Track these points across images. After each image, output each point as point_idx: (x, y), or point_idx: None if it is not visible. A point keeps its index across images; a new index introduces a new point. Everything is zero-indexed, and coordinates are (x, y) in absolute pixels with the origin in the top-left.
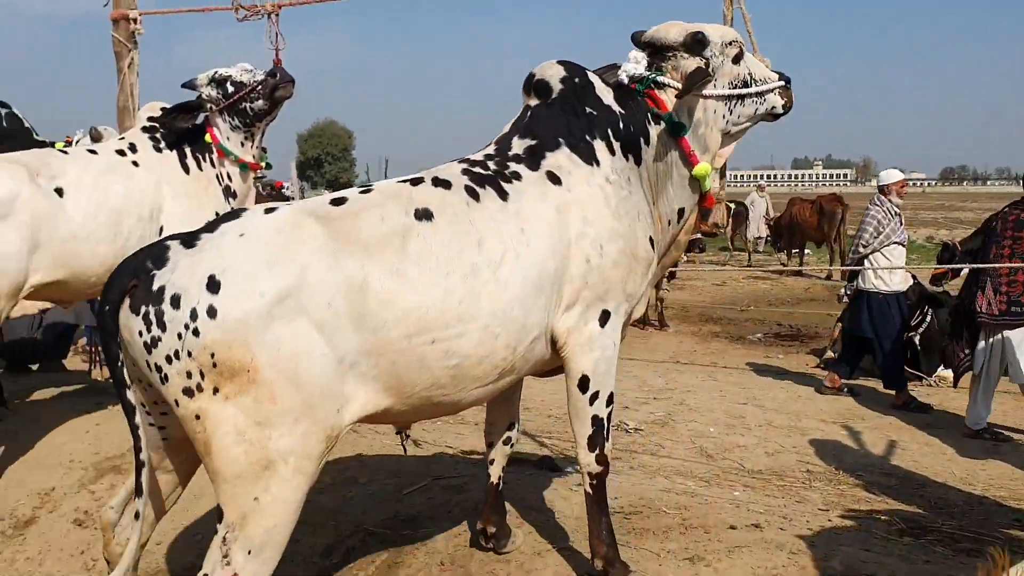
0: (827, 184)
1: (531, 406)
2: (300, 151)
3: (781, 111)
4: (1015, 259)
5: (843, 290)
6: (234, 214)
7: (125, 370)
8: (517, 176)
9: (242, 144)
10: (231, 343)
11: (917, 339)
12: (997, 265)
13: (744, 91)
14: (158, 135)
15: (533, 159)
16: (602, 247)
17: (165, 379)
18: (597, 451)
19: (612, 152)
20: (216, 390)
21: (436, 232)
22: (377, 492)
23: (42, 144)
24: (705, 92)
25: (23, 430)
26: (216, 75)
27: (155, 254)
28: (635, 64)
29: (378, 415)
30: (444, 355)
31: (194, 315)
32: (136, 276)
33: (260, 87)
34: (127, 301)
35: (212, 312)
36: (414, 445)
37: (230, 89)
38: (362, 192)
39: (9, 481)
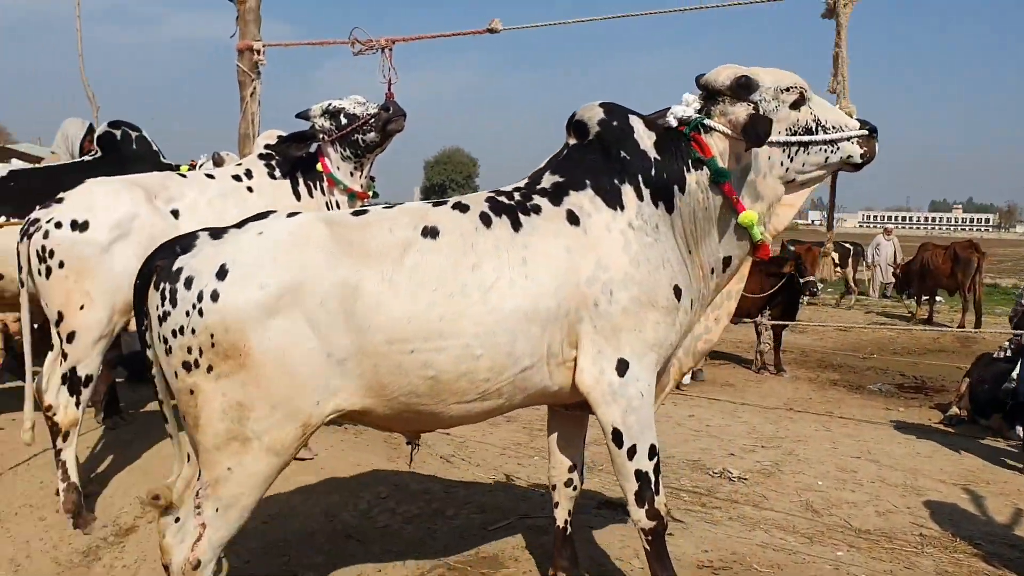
0: (966, 229)
1: None
2: (426, 177)
3: (860, 160)
4: None
5: (1006, 345)
6: (264, 215)
7: (148, 334)
8: (537, 210)
9: (351, 174)
10: (228, 327)
11: None
12: None
13: (807, 138)
14: (273, 162)
15: (556, 196)
16: (612, 292)
17: (169, 351)
18: (647, 507)
19: (640, 198)
20: (210, 368)
21: (435, 249)
22: (462, 526)
23: (168, 167)
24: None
25: (136, 440)
26: (330, 107)
27: (186, 242)
28: (684, 107)
29: (362, 414)
30: (422, 365)
31: (200, 297)
32: (166, 258)
33: (373, 120)
34: (154, 278)
35: (215, 296)
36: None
37: (343, 121)
38: (386, 207)
39: (116, 489)
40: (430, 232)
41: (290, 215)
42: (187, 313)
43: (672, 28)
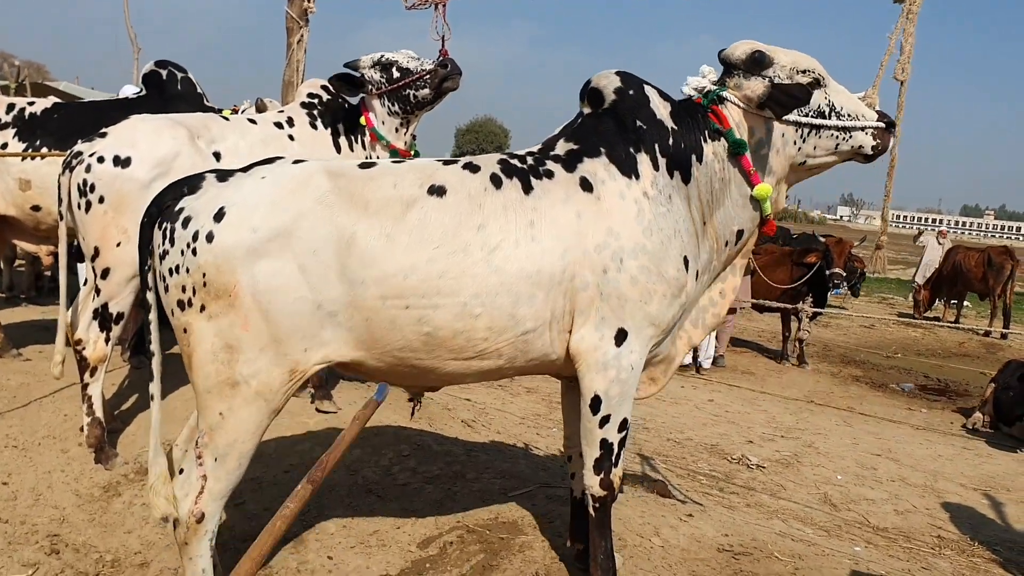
0: (996, 236)
1: (650, 427)
2: (456, 144)
3: (871, 152)
4: None
5: None
6: (271, 160)
7: (153, 276)
8: (549, 174)
9: (396, 130)
10: (220, 267)
11: None
12: None
13: (819, 122)
14: (315, 112)
15: (570, 162)
16: (622, 260)
17: (166, 289)
18: (602, 476)
19: (656, 167)
20: (203, 308)
21: (441, 208)
22: (482, 491)
23: (211, 110)
24: (766, 113)
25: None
26: (383, 59)
27: (192, 182)
28: (701, 77)
29: (354, 365)
30: (417, 321)
31: (196, 237)
32: (175, 197)
33: (428, 76)
34: (159, 217)
35: (210, 237)
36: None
37: (395, 75)
38: (396, 161)
39: (139, 427)
40: (437, 190)
41: (296, 162)
42: (182, 252)
43: (730, 14)
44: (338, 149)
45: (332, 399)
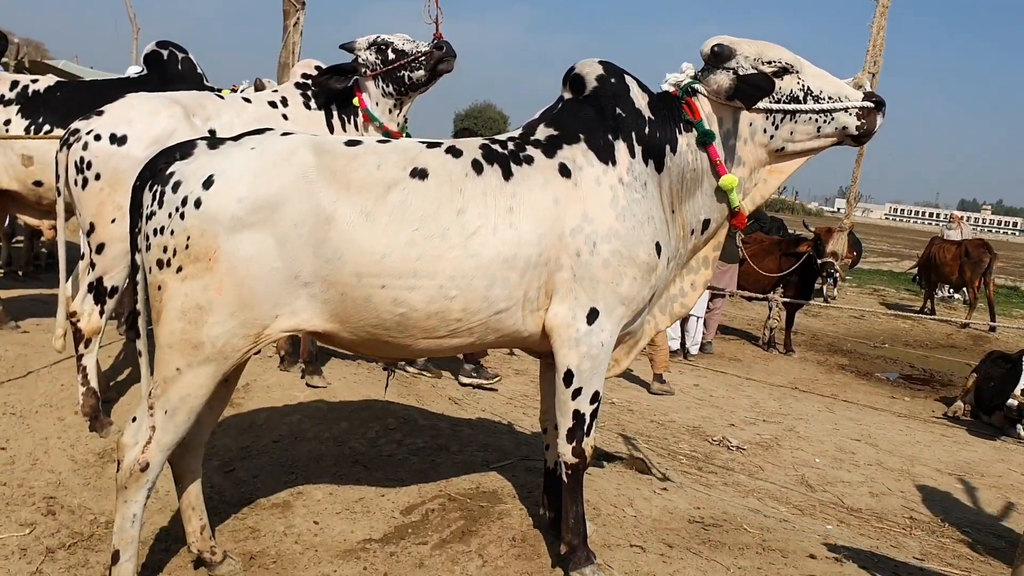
0: (994, 231)
1: (635, 409)
2: (455, 130)
3: (856, 132)
4: None
5: None
6: (261, 131)
7: (139, 237)
8: (529, 160)
9: (389, 111)
10: (204, 232)
11: None
12: None
13: (791, 107)
14: (309, 92)
15: (550, 148)
16: (596, 244)
17: (148, 247)
18: (575, 444)
19: (632, 155)
20: (180, 269)
21: (421, 191)
22: (464, 462)
23: (210, 90)
24: (735, 104)
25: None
26: (378, 40)
27: (185, 148)
28: (679, 73)
29: (326, 335)
30: (392, 301)
31: (184, 202)
32: (167, 162)
33: (424, 58)
34: (150, 179)
35: (198, 203)
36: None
37: (391, 56)
38: (382, 142)
39: (134, 397)
40: (419, 173)
41: (284, 134)
42: (170, 215)
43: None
44: (331, 129)
45: (322, 374)
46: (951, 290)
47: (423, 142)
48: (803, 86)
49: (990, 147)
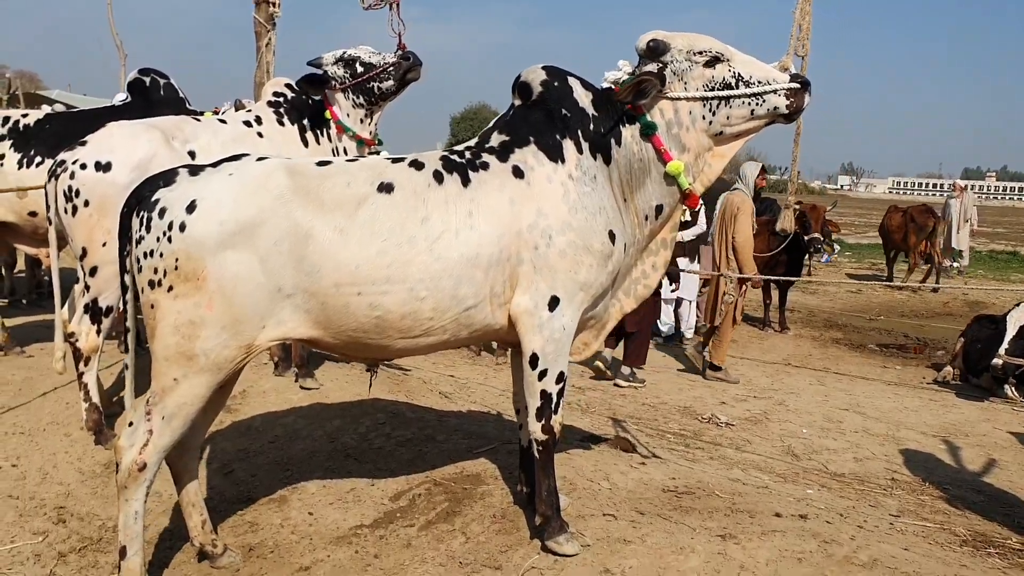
0: (998, 198)
1: (626, 393)
2: (452, 133)
3: (786, 111)
4: None
5: None
6: (237, 157)
7: (129, 260)
8: (485, 166)
9: (362, 121)
10: (190, 254)
11: None
12: None
13: (725, 93)
14: (281, 110)
15: (503, 153)
16: (551, 237)
17: (140, 269)
18: (543, 422)
19: (580, 151)
20: (171, 288)
21: (388, 204)
22: (450, 450)
23: (193, 113)
24: (671, 94)
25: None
26: (344, 55)
27: (167, 176)
28: (617, 71)
29: (312, 341)
30: (368, 306)
31: (171, 226)
32: (151, 189)
33: (392, 68)
34: (137, 207)
35: (183, 227)
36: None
37: (359, 69)
38: (349, 161)
39: None
40: (385, 188)
41: (259, 159)
42: (158, 239)
43: None
44: (305, 143)
45: (315, 377)
46: (951, 261)
47: (389, 158)
48: (734, 73)
49: (993, 113)
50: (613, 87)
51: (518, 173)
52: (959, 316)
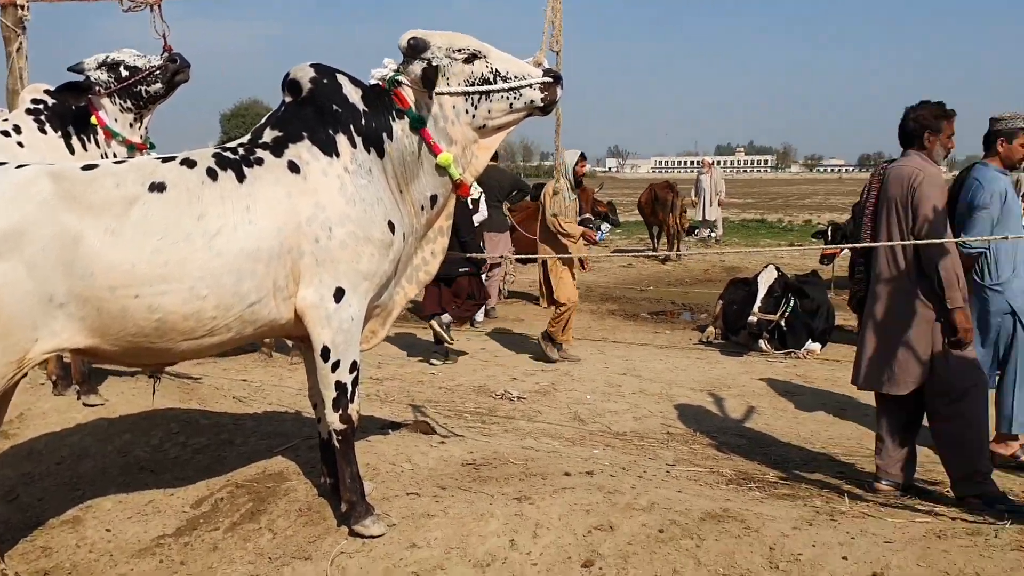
0: (747, 171)
1: (423, 379)
2: (223, 131)
3: (541, 103)
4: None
5: None
6: None
7: None
8: (259, 162)
9: (131, 125)
10: None
11: (783, 323)
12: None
13: (484, 88)
14: (43, 117)
15: (277, 149)
16: (331, 229)
17: None
18: (341, 411)
19: (353, 145)
20: None
21: (161, 202)
22: (249, 452)
23: None
24: (436, 89)
25: None
26: (107, 59)
27: None
28: (382, 68)
29: (89, 351)
30: (147, 309)
31: None
32: None
33: (159, 71)
34: None
35: None
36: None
37: (124, 73)
38: (117, 162)
39: None
40: (157, 187)
41: (19, 167)
42: None
43: None
44: (71, 151)
45: (98, 392)
46: (708, 231)
47: (158, 157)
48: (492, 69)
49: (738, 91)
50: (380, 83)
51: (294, 168)
52: (719, 281)
